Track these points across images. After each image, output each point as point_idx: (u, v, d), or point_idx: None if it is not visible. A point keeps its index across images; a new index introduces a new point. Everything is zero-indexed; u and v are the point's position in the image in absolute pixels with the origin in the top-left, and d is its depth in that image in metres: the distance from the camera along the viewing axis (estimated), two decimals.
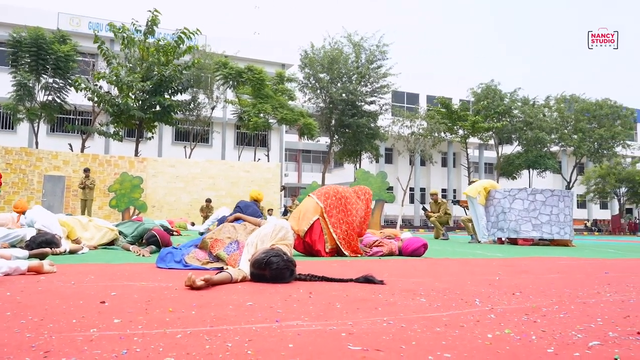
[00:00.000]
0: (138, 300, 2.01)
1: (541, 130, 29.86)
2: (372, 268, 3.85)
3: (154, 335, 1.42)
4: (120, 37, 19.14)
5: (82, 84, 18.64)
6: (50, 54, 18.53)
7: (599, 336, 1.52)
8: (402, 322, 1.71)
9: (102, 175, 17.04)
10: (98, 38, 18.41)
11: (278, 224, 3.04)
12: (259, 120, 21.48)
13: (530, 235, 8.57)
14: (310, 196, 5.47)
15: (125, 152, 22.59)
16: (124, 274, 2.94)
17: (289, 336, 1.46)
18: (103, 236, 5.32)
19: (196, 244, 3.47)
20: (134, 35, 19.21)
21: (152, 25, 19.03)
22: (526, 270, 3.98)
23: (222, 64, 22.05)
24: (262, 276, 2.67)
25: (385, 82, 26.25)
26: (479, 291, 2.59)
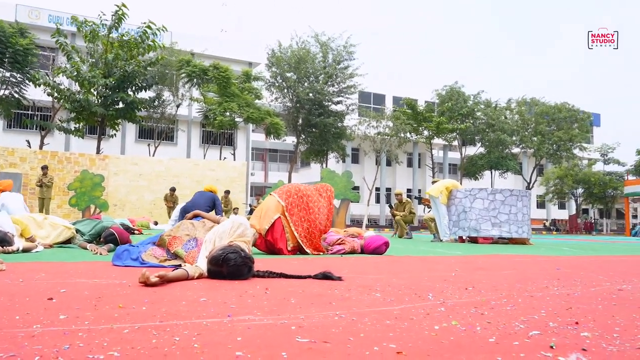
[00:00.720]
0: (88, 297, 1.97)
1: (503, 132, 30.63)
2: (332, 265, 3.88)
3: (100, 331, 1.40)
4: (83, 31, 18.61)
5: (40, 79, 18.05)
6: (8, 47, 17.88)
7: (539, 326, 1.58)
8: (354, 316, 1.73)
9: (61, 173, 16.57)
10: (59, 31, 17.86)
11: (236, 221, 3.02)
12: (224, 119, 21.28)
13: (489, 234, 8.78)
14: (272, 195, 5.46)
15: (87, 150, 22.02)
16: (78, 271, 2.88)
17: (238, 330, 1.47)
18: (59, 234, 5.18)
19: (154, 241, 3.42)
20: (98, 29, 18.71)
21: (118, 20, 18.57)
22: (482, 267, 4.08)
23: (185, 61, 21.73)
24: (219, 273, 2.65)
25: (352, 83, 26.43)
26: (433, 286, 2.65)
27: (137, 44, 18.97)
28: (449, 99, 30.51)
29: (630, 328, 1.60)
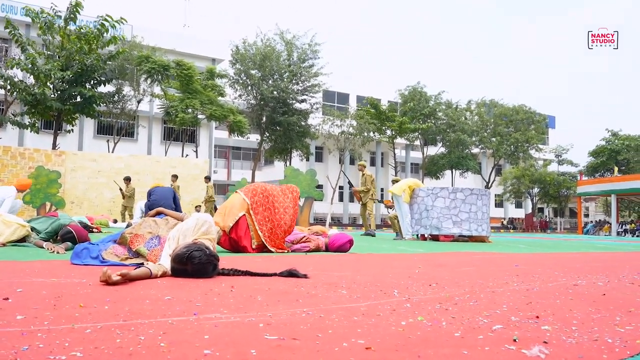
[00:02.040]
0: (46, 296, 1.90)
1: (463, 132, 31.36)
2: (297, 263, 3.87)
3: (60, 331, 1.36)
4: (38, 22, 17.92)
5: None
6: None
7: (502, 321, 1.62)
8: (321, 313, 1.73)
9: (15, 169, 15.95)
10: (10, 22, 17.14)
11: (201, 218, 2.98)
12: (186, 116, 20.95)
13: (450, 232, 8.96)
14: (238, 192, 5.41)
15: (42, 145, 21.25)
16: (34, 270, 2.77)
17: (205, 328, 1.44)
18: (13, 232, 4.97)
19: (115, 239, 3.33)
20: (53, 21, 18.04)
21: (74, 11, 17.96)
22: (444, 264, 4.16)
23: (144, 57, 21.23)
24: (183, 271, 2.61)
25: (316, 81, 26.47)
26: (398, 283, 2.68)
27: (95, 37, 18.42)
28: (412, 99, 31.01)
29: (587, 321, 1.66)
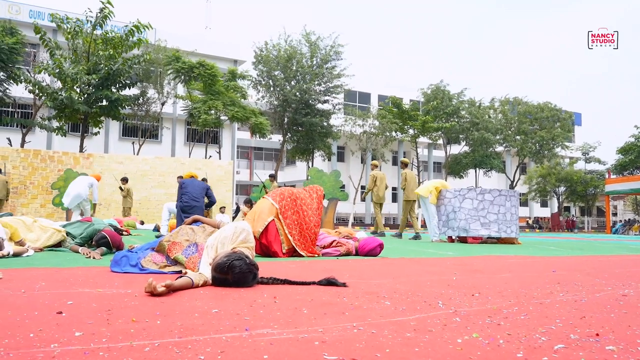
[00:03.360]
0: (97, 309, 1.92)
1: (487, 131, 30.94)
2: (331, 269, 3.86)
3: (120, 349, 1.36)
4: (64, 28, 18.27)
5: (22, 76, 17.69)
6: None
7: (561, 339, 1.58)
8: (372, 328, 1.71)
9: (44, 172, 16.28)
10: (39, 28, 17.51)
11: (239, 227, 2.98)
12: (209, 117, 21.12)
13: (479, 234, 8.84)
14: (265, 197, 5.44)
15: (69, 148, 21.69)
16: (77, 279, 2.81)
17: (261, 346, 1.44)
18: (49, 237, 5.07)
19: (153, 246, 3.36)
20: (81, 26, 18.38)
21: (104, 18, 18.26)
22: (479, 269, 4.10)
23: (174, 57, 21.52)
24: (224, 280, 2.62)
25: (339, 82, 26.45)
26: (439, 292, 2.65)
27: (121, 42, 18.70)
28: (434, 97, 30.73)
29: None
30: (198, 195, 7.84)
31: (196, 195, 7.80)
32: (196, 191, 7.85)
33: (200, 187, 8.00)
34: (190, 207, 7.63)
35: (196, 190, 7.87)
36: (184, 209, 7.65)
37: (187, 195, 7.72)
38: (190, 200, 7.66)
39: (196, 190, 7.87)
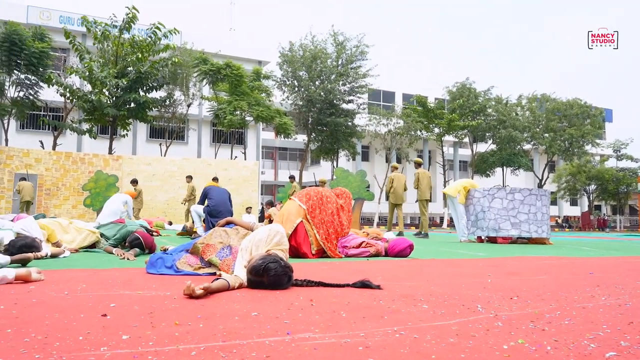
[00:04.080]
0: (140, 311, 1.95)
1: (514, 128, 30.43)
2: (362, 270, 3.85)
3: (167, 353, 1.38)
4: (94, 31, 18.68)
5: (53, 80, 18.16)
6: (24, 50, 17.99)
7: (611, 346, 1.53)
8: (413, 333, 1.70)
9: (76, 174, 16.66)
10: (68, 33, 17.93)
11: (273, 229, 3.00)
12: (234, 118, 21.30)
13: (509, 234, 8.70)
14: (292, 199, 5.46)
15: (99, 150, 22.14)
16: (116, 281, 2.87)
17: (305, 351, 1.44)
18: (84, 239, 5.19)
19: (187, 248, 3.40)
20: (109, 30, 18.77)
21: (129, 22, 18.62)
22: (513, 271, 4.03)
23: (201, 59, 21.77)
24: (259, 283, 2.63)
25: (363, 82, 26.39)
26: (476, 295, 2.61)
27: (148, 45, 19.03)
28: (460, 95, 30.37)
29: None
30: (225, 199, 8.10)
31: (223, 200, 8.05)
32: (222, 196, 8.11)
33: (225, 193, 8.35)
34: (218, 212, 7.84)
35: (222, 195, 8.15)
36: (211, 213, 7.85)
37: (214, 200, 7.97)
38: (217, 205, 7.88)
39: (222, 195, 8.15)
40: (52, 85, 18.48)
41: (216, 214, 7.81)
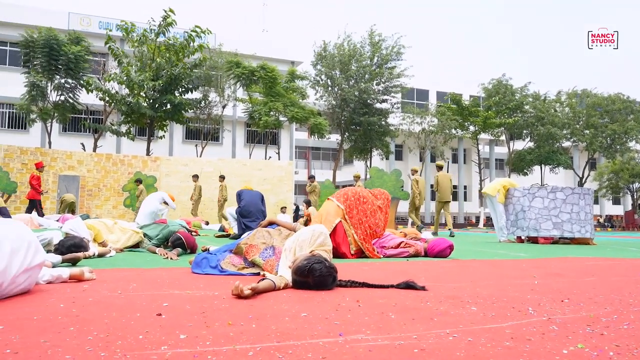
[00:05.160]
0: (192, 311, 1.99)
1: (553, 125, 29.63)
2: (404, 271, 3.83)
3: (225, 353, 1.40)
4: (131, 36, 19.17)
5: (92, 85, 18.73)
6: (62, 54, 18.61)
7: None
8: (467, 335, 1.67)
9: (116, 175, 17.12)
10: (110, 38, 18.46)
11: (317, 230, 3.01)
12: (269, 119, 21.47)
13: (550, 234, 8.49)
14: (330, 199, 5.47)
15: (137, 151, 22.67)
16: (165, 280, 2.93)
17: (360, 353, 1.44)
18: (128, 239, 5.32)
19: (230, 249, 3.45)
20: (145, 34, 19.24)
21: (167, 25, 19.05)
22: (559, 272, 3.93)
23: (234, 63, 22.04)
24: (304, 283, 2.65)
25: (398, 82, 26.22)
26: (524, 297, 2.56)
27: (182, 47, 19.41)
28: (496, 92, 29.77)
29: None
30: (256, 201, 8.31)
31: (254, 201, 8.27)
32: (253, 198, 8.33)
33: (257, 195, 8.52)
34: (249, 212, 8.04)
35: (253, 197, 8.36)
36: (242, 214, 8.06)
37: (245, 201, 8.20)
38: (248, 205, 8.07)
39: (253, 197, 8.36)
40: (91, 91, 19.08)
41: (247, 214, 8.02)
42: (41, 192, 13.07)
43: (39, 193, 12.83)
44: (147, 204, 8.59)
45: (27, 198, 12.91)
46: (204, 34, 19.39)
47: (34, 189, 12.70)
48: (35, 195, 12.72)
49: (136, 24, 19.63)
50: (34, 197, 12.75)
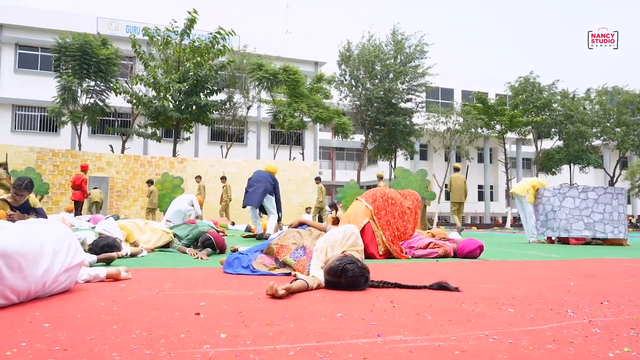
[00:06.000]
0: (229, 311, 2.01)
1: (583, 123, 28.97)
2: (435, 272, 3.80)
3: (266, 352, 1.42)
4: (156, 40, 19.50)
5: (120, 88, 19.11)
6: (93, 58, 19.02)
7: None
8: (507, 337, 1.65)
9: (143, 176, 17.40)
10: (135, 42, 18.80)
11: (348, 230, 3.01)
12: (294, 120, 21.54)
13: (582, 235, 8.31)
14: (359, 199, 5.46)
15: (163, 153, 23.01)
16: (198, 280, 2.97)
17: (401, 354, 1.43)
18: (159, 239, 5.40)
19: (261, 249, 3.48)
20: (169, 37, 19.54)
21: (189, 26, 19.32)
22: (595, 274, 3.84)
23: (257, 65, 22.19)
24: (337, 284, 2.65)
25: (422, 81, 26.02)
26: (561, 299, 2.51)
27: (207, 49, 19.64)
28: (523, 90, 29.25)
29: None
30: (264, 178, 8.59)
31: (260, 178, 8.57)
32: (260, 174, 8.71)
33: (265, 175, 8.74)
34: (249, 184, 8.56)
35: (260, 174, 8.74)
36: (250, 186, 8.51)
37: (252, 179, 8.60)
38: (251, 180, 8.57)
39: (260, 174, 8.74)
40: (119, 94, 19.46)
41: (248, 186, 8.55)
42: (88, 194, 13.46)
43: (85, 195, 13.20)
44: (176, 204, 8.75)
45: (73, 199, 13.22)
46: (228, 36, 19.59)
47: (83, 191, 13.02)
48: (81, 196, 13.05)
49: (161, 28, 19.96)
50: (80, 199, 13.07)
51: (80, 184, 13.00)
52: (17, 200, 5.89)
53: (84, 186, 13.02)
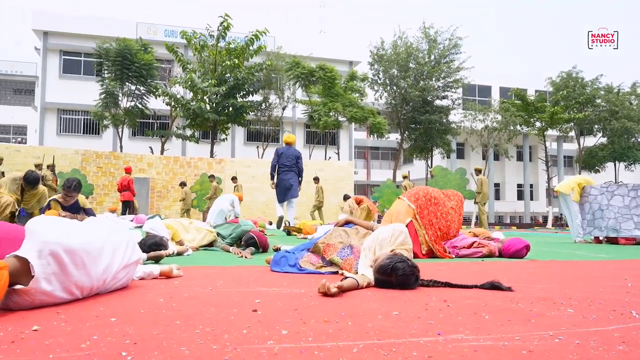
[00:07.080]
0: (285, 308, 2.03)
1: (628, 119, 27.93)
2: (483, 272, 3.73)
3: (329, 349, 1.42)
4: (193, 43, 19.87)
5: (159, 90, 19.57)
6: (134, 62, 19.54)
7: None
8: (573, 338, 1.60)
9: (182, 177, 17.76)
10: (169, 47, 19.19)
11: (397, 229, 2.99)
12: (329, 119, 21.56)
13: (632, 234, 8.00)
14: (401, 198, 5.42)
15: (201, 154, 23.41)
16: (249, 278, 3.01)
17: (466, 352, 1.41)
18: (203, 238, 5.49)
19: (308, 247, 3.49)
20: (206, 40, 19.88)
21: (224, 30, 19.61)
22: None
23: (294, 63, 22.31)
24: (387, 282, 2.63)
25: (458, 76, 25.59)
26: (622, 300, 2.42)
27: (243, 51, 19.89)
28: (565, 86, 28.42)
29: None
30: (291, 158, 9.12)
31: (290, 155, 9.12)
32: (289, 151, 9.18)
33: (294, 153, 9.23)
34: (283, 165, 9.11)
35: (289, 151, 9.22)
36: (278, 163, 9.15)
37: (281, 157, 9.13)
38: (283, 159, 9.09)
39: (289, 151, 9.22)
40: (158, 97, 19.93)
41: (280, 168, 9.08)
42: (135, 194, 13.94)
43: (134, 195, 13.63)
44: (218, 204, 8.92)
45: (122, 200, 13.64)
46: (262, 34, 19.78)
47: (131, 191, 13.45)
48: (130, 196, 13.47)
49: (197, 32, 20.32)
50: (129, 199, 13.49)
51: (127, 185, 13.40)
52: (68, 200, 6.12)
53: (131, 186, 13.41)
